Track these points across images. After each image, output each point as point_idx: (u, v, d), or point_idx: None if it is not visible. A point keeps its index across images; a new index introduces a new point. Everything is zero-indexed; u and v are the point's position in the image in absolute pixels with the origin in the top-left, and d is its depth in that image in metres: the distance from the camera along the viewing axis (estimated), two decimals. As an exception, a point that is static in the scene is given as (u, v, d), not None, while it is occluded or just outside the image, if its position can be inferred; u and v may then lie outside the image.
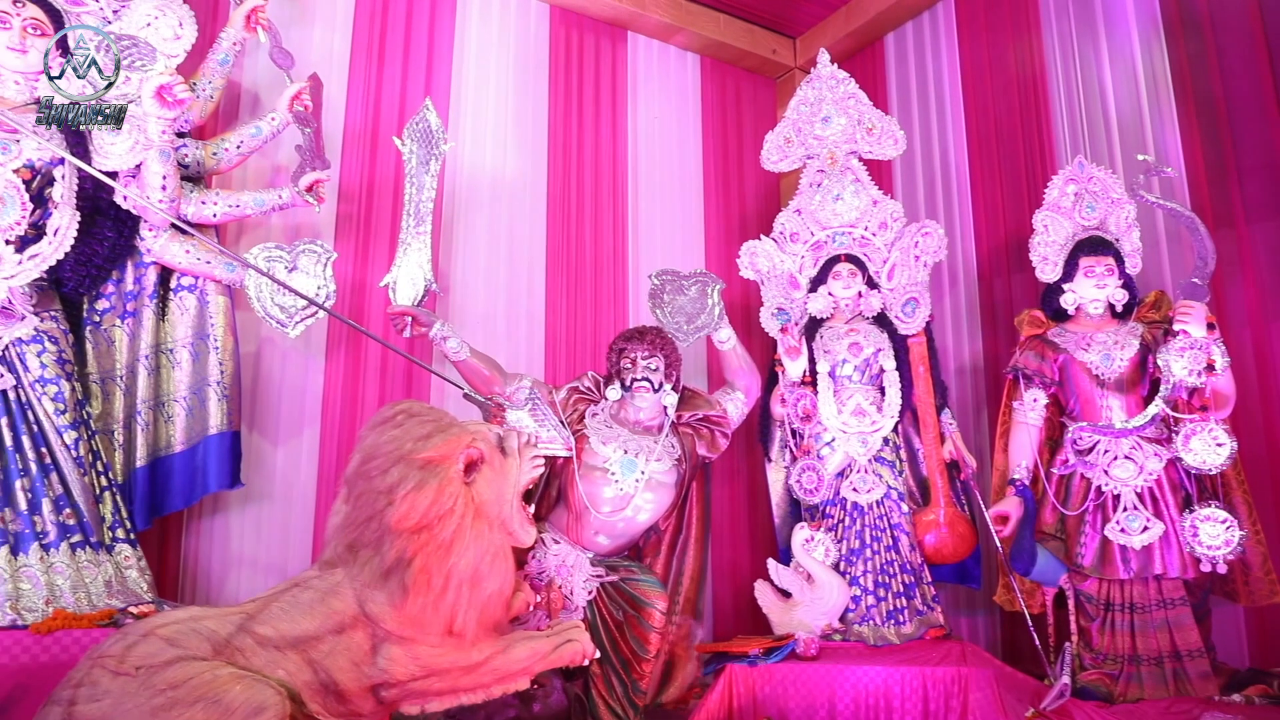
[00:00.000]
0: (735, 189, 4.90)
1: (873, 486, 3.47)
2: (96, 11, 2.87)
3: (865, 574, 3.37)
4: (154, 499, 2.93)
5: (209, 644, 2.00)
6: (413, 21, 4.05)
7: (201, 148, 3.10)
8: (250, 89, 3.58)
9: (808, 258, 3.78)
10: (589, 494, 3.03)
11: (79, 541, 2.59)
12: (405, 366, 3.66)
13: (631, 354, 3.15)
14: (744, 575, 4.20)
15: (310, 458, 3.48)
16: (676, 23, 4.74)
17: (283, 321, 2.96)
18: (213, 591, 3.24)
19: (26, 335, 2.65)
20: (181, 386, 2.98)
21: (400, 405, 2.44)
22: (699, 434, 3.24)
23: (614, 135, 4.54)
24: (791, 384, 3.57)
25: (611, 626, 2.99)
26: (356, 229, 3.71)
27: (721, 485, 4.29)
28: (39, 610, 2.40)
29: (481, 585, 2.31)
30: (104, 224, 2.84)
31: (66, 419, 2.66)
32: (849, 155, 3.82)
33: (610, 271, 4.34)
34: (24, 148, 2.66)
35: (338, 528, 2.36)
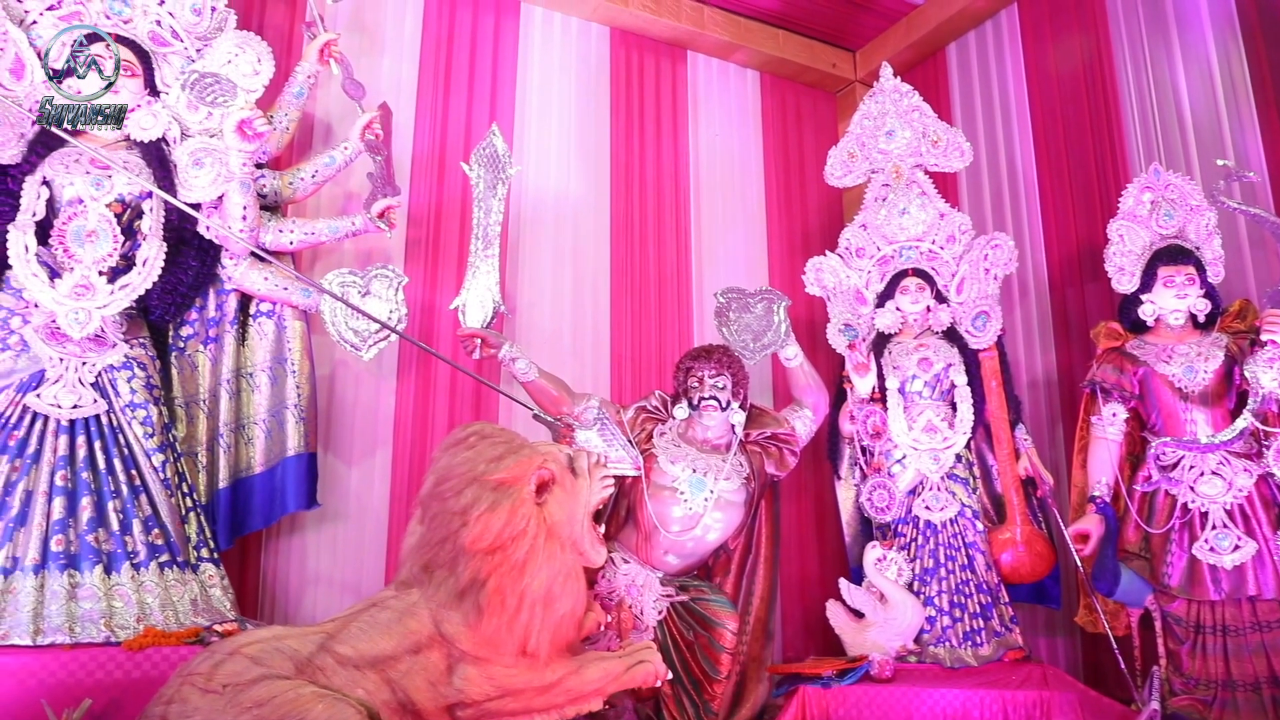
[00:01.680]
0: (797, 205, 4.88)
1: (946, 504, 3.40)
2: (181, 51, 3.00)
3: (940, 594, 3.31)
4: (235, 519, 3.02)
5: (291, 663, 2.04)
6: (477, 49, 4.13)
7: (278, 178, 3.20)
8: (323, 119, 3.69)
9: (874, 273, 3.74)
10: (658, 513, 3.03)
11: (167, 561, 2.68)
12: (474, 387, 3.71)
13: (699, 373, 3.15)
14: (813, 594, 4.16)
15: (383, 477, 3.55)
16: (735, 40, 4.75)
17: (356, 345, 3.03)
18: (290, 609, 3.31)
19: (117, 362, 2.76)
20: (261, 409, 3.07)
21: (472, 427, 2.47)
22: (767, 452, 3.22)
23: (675, 154, 4.56)
24: (860, 400, 3.53)
25: (682, 647, 2.98)
26: (425, 253, 3.78)
27: (789, 503, 4.25)
28: (130, 628, 2.49)
29: (554, 606, 2.33)
30: (188, 254, 2.95)
31: (154, 442, 2.76)
32: (914, 168, 3.78)
33: (674, 290, 4.36)
34: (115, 183, 2.78)
35: (413, 548, 2.40)
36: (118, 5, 2.91)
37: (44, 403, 2.63)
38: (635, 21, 4.52)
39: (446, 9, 4.10)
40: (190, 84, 2.88)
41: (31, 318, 2.67)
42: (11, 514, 2.52)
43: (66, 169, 2.75)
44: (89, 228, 2.73)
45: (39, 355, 2.66)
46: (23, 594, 2.43)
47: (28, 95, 2.76)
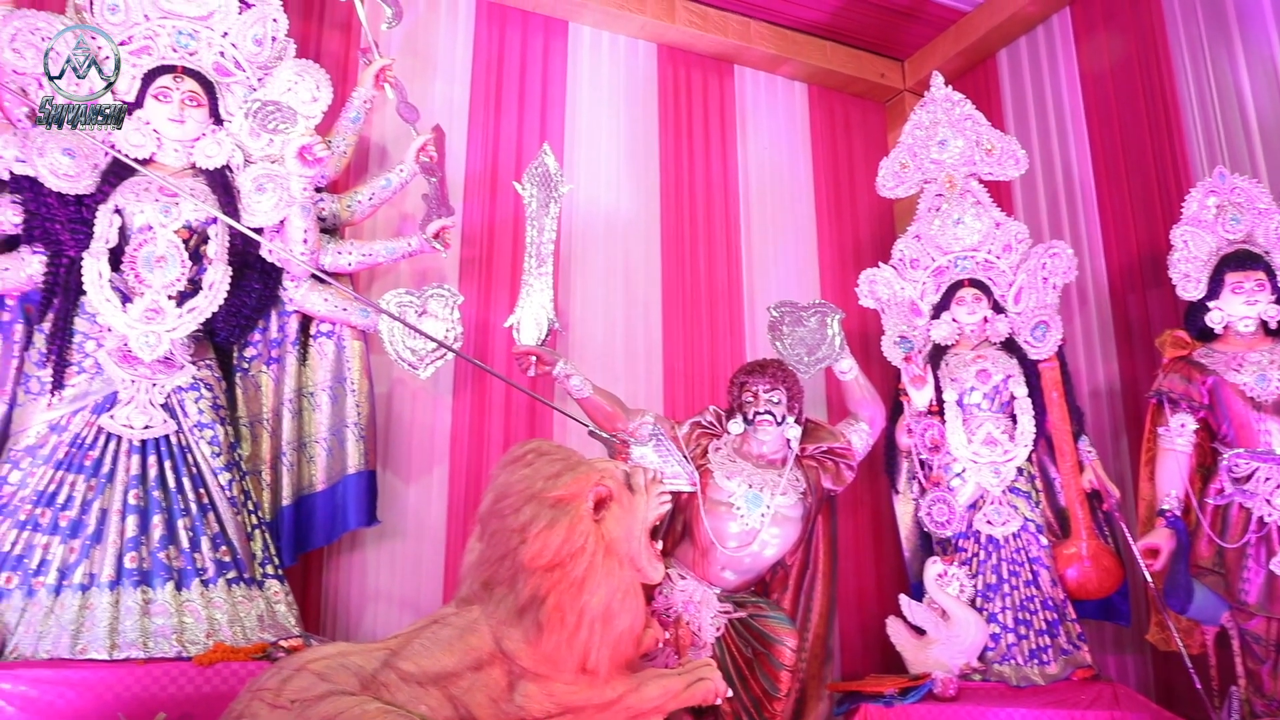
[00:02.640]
0: (848, 216, 4.84)
1: (1008, 518, 3.34)
2: (244, 81, 3.09)
3: (1004, 610, 3.24)
4: (299, 536, 3.08)
5: (357, 679, 2.06)
6: (527, 69, 4.18)
7: (337, 201, 3.27)
8: (378, 143, 3.76)
9: (929, 284, 3.70)
10: (714, 529, 3.02)
11: (234, 577, 2.75)
12: (529, 404, 3.74)
13: (753, 387, 3.13)
14: (871, 610, 4.10)
15: (440, 494, 3.59)
16: (782, 53, 4.75)
17: (414, 364, 3.08)
18: (351, 625, 3.36)
19: (185, 383, 2.84)
20: (322, 428, 3.13)
21: (530, 444, 2.49)
22: (823, 466, 3.19)
23: (724, 168, 4.57)
24: (917, 414, 3.49)
25: (741, 664, 2.96)
26: (479, 271, 3.83)
27: (846, 518, 4.20)
28: (201, 643, 2.55)
29: (613, 622, 2.32)
30: (251, 277, 3.03)
31: (221, 461, 2.83)
32: (968, 178, 3.74)
33: (725, 304, 4.35)
34: (183, 210, 2.86)
35: (473, 565, 2.42)
36: (184, 39, 3.01)
37: (117, 423, 2.71)
38: (682, 37, 4.54)
39: (496, 32, 4.17)
40: (253, 112, 2.97)
41: (105, 341, 2.76)
42: (88, 532, 2.61)
43: (137, 197, 2.85)
44: (158, 253, 2.81)
45: (112, 377, 2.75)
46: (99, 609, 2.51)
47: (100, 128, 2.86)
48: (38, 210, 2.78)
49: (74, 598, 2.53)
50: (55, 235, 2.79)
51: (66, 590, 2.54)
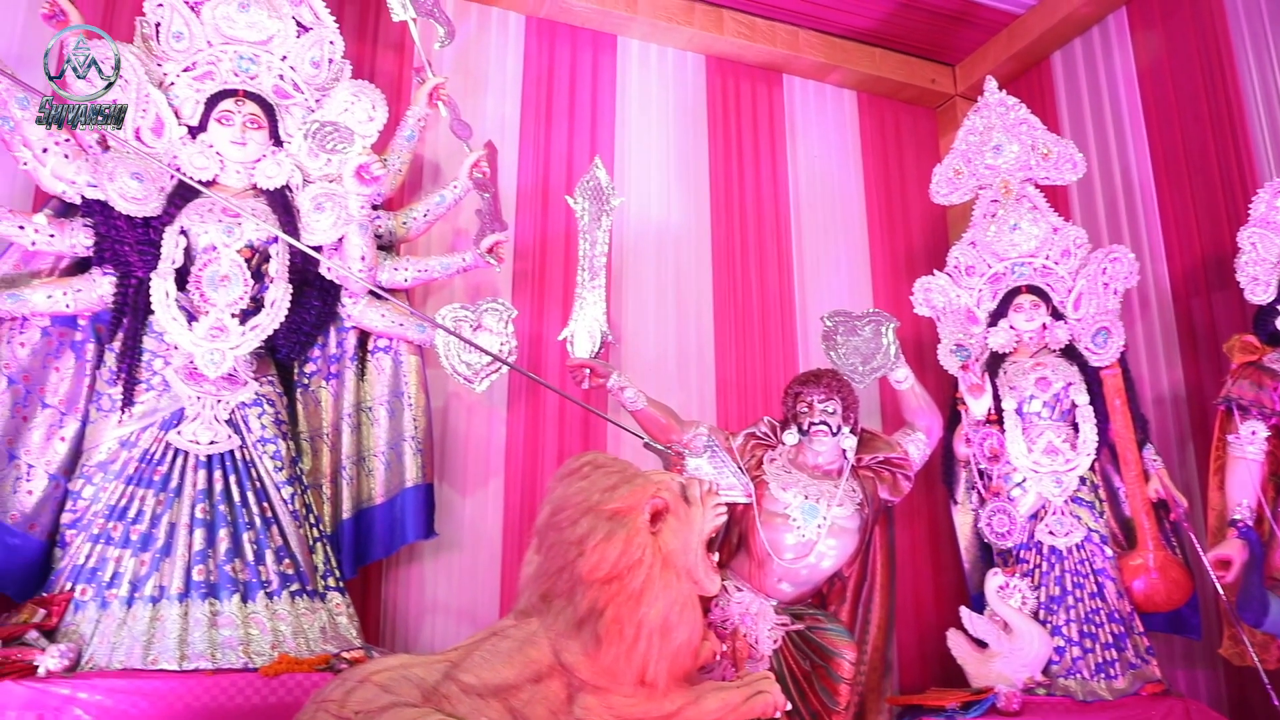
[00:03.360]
0: (900, 224, 4.80)
1: (1071, 529, 3.26)
2: (302, 103, 3.16)
3: (1069, 623, 3.17)
4: (359, 549, 3.13)
5: (418, 691, 2.08)
6: (576, 84, 4.22)
7: (393, 218, 3.33)
8: (431, 160, 3.82)
9: (985, 291, 3.65)
10: (770, 541, 3.00)
11: (297, 590, 2.80)
12: (582, 416, 3.76)
13: (808, 398, 3.11)
14: (929, 623, 4.04)
15: (496, 506, 3.62)
16: (831, 61, 4.72)
17: (469, 378, 3.11)
18: (410, 636, 3.40)
19: (249, 399, 2.90)
20: (380, 442, 3.18)
21: (586, 457, 2.50)
22: (880, 477, 3.15)
23: (774, 178, 4.55)
24: (976, 423, 3.43)
25: (799, 677, 2.93)
26: (532, 285, 3.86)
27: (902, 528, 4.15)
28: (266, 654, 2.60)
29: (672, 635, 2.32)
30: (311, 294, 3.09)
31: (284, 475, 2.89)
32: (1024, 183, 3.68)
33: (777, 314, 4.33)
34: (245, 230, 2.94)
35: (531, 578, 2.43)
36: (245, 64, 3.09)
37: (184, 439, 2.79)
38: (730, 48, 4.55)
39: (546, 47, 4.21)
40: (311, 133, 3.03)
41: (172, 359, 2.83)
42: (157, 545, 2.68)
43: (201, 218, 2.93)
44: (222, 273, 2.89)
45: (179, 394, 2.82)
46: (169, 621, 2.58)
47: (166, 151, 2.95)
48: (108, 233, 2.87)
49: (145, 609, 2.60)
50: (124, 257, 2.88)
51: (138, 602, 2.61)
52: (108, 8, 3.42)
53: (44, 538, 2.75)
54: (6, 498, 2.71)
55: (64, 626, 2.57)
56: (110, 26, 3.37)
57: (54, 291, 2.82)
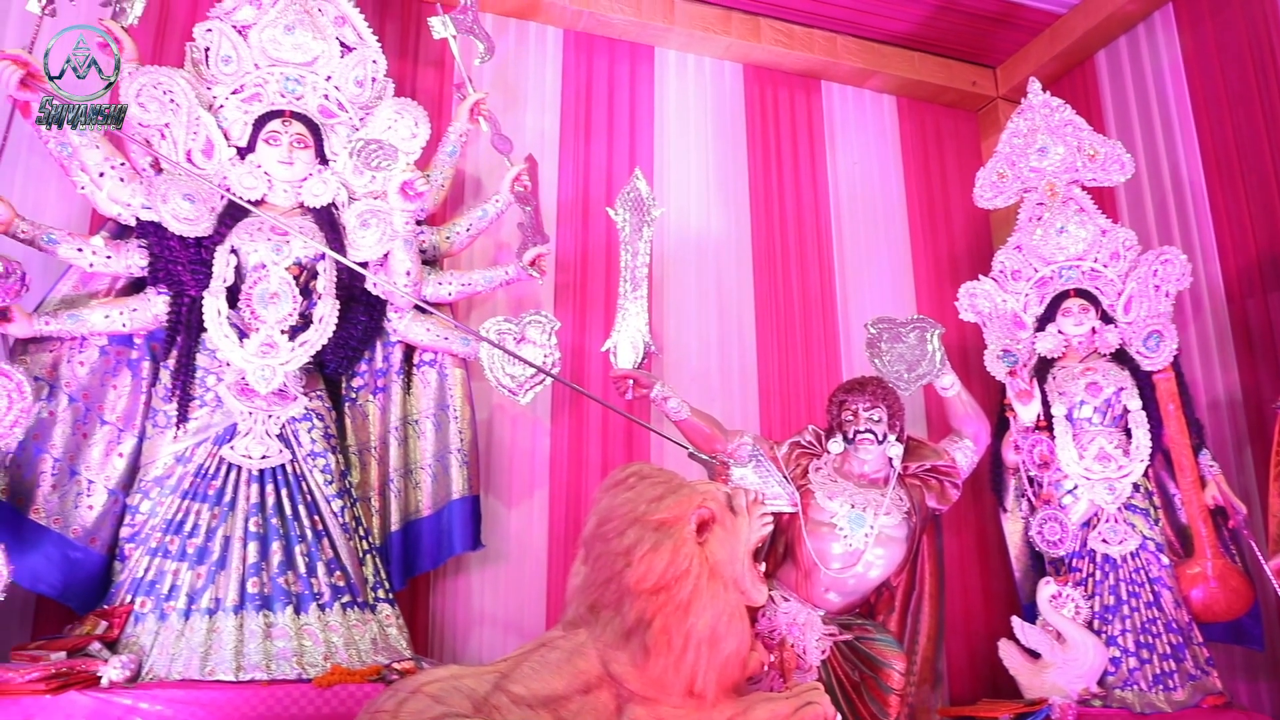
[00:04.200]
0: (942, 229, 4.75)
1: (1125, 537, 3.20)
2: (347, 121, 3.21)
3: (1124, 633, 3.11)
4: (407, 560, 3.16)
5: (469, 701, 2.10)
6: (614, 96, 4.25)
7: (436, 233, 3.37)
8: (472, 175, 3.87)
9: (1032, 295, 3.60)
10: (817, 550, 2.98)
11: (348, 601, 2.84)
12: (626, 427, 3.77)
13: (853, 406, 3.09)
14: (979, 633, 3.98)
15: (541, 518, 3.64)
16: (870, 66, 4.70)
17: (514, 390, 3.13)
18: (458, 647, 3.42)
19: (299, 414, 2.95)
20: (427, 455, 3.22)
21: (631, 468, 2.50)
22: (927, 485, 3.12)
23: (814, 185, 4.53)
24: (1025, 429, 3.39)
25: (848, 688, 2.90)
26: (574, 297, 3.89)
27: (950, 537, 4.10)
28: (319, 665, 2.64)
29: (720, 645, 2.31)
30: (358, 310, 3.14)
31: (334, 488, 2.93)
32: (1070, 185, 3.63)
33: (819, 322, 4.31)
34: (293, 247, 2.99)
35: (578, 589, 2.44)
36: (291, 84, 3.16)
37: (237, 454, 2.84)
38: (767, 56, 4.54)
39: (584, 60, 4.24)
40: (356, 151, 3.08)
41: (224, 376, 2.89)
42: (213, 558, 2.73)
43: (251, 237, 2.99)
44: (271, 290, 2.95)
45: (231, 410, 2.88)
46: (225, 633, 2.62)
47: (216, 172, 3.02)
48: (162, 253, 2.94)
49: (202, 621, 2.66)
50: (177, 276, 2.95)
51: (195, 614, 2.67)
52: (158, 33, 3.51)
53: (104, 551, 2.82)
54: (69, 512, 2.79)
55: (125, 638, 2.63)
56: (161, 51, 3.47)
57: (111, 311, 2.90)
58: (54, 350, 2.88)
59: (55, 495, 2.78)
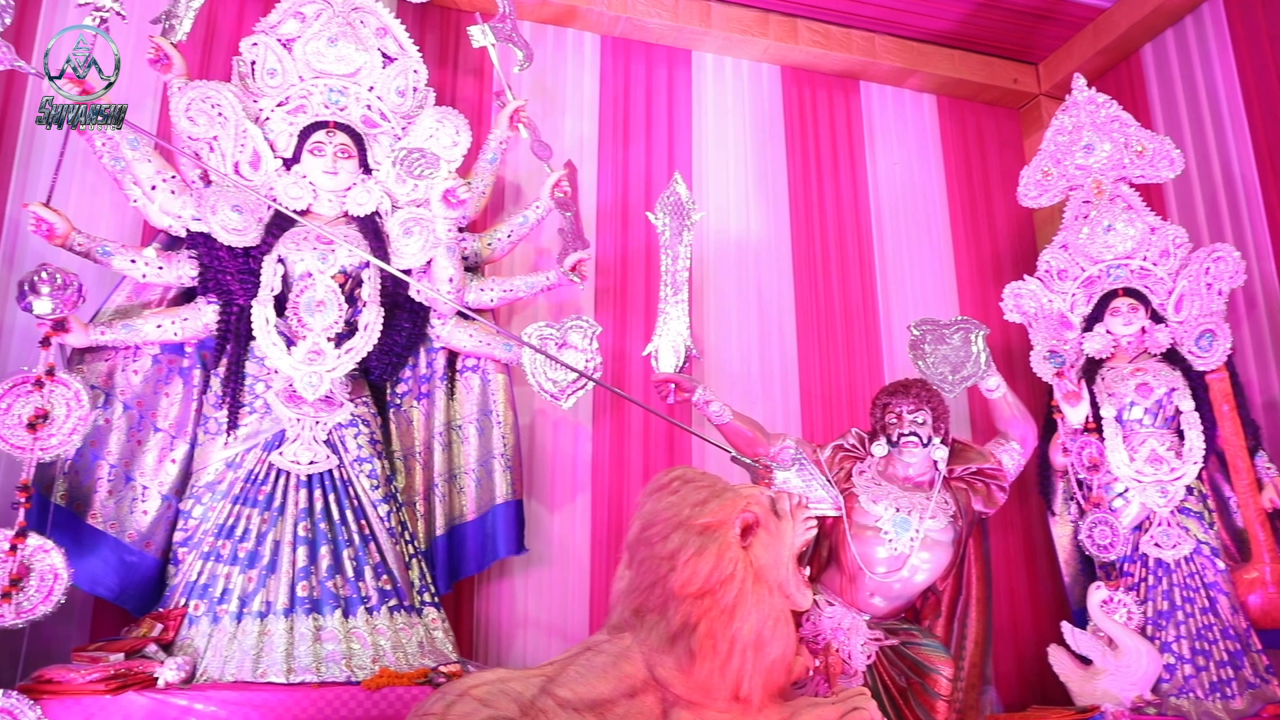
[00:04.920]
0: (985, 229, 4.69)
1: (1178, 541, 3.14)
2: (389, 130, 3.26)
3: (1179, 640, 3.04)
4: (452, 564, 3.18)
5: (516, 705, 2.11)
6: (652, 100, 4.25)
7: (478, 239, 3.40)
8: (512, 181, 3.89)
9: (1079, 295, 3.54)
10: (862, 554, 2.95)
11: (395, 605, 2.87)
12: (667, 431, 3.77)
13: (896, 408, 3.06)
14: (1027, 638, 3.92)
15: (583, 522, 3.65)
16: (909, 66, 4.66)
17: (556, 395, 3.15)
18: (502, 650, 3.44)
19: (345, 420, 2.99)
20: (470, 460, 3.24)
21: (675, 472, 2.50)
22: (973, 488, 3.08)
23: (854, 186, 4.50)
24: (1073, 431, 3.33)
25: (895, 693, 2.87)
26: (614, 301, 3.90)
27: (996, 540, 4.04)
28: (368, 668, 2.67)
29: (765, 650, 2.30)
30: (402, 317, 3.18)
31: (380, 493, 2.97)
32: (1117, 182, 3.57)
33: (861, 324, 4.28)
34: (338, 256, 3.04)
35: (622, 593, 2.44)
36: (335, 96, 3.21)
37: (286, 460, 2.89)
38: (805, 58, 4.52)
39: (621, 66, 4.26)
40: (399, 160, 3.12)
41: (273, 383, 2.94)
42: (263, 562, 2.78)
43: (297, 246, 3.04)
44: (318, 298, 2.99)
45: (280, 416, 2.93)
46: (276, 635, 2.67)
47: (263, 184, 3.08)
48: (211, 263, 3.00)
49: (253, 624, 2.70)
50: (226, 286, 3.01)
51: (247, 617, 2.72)
52: (205, 48, 3.58)
53: (159, 555, 2.88)
54: (124, 517, 2.86)
55: (179, 640, 2.69)
56: (208, 66, 3.54)
57: (163, 321, 2.96)
58: (109, 359, 2.95)
59: (111, 501, 2.86)
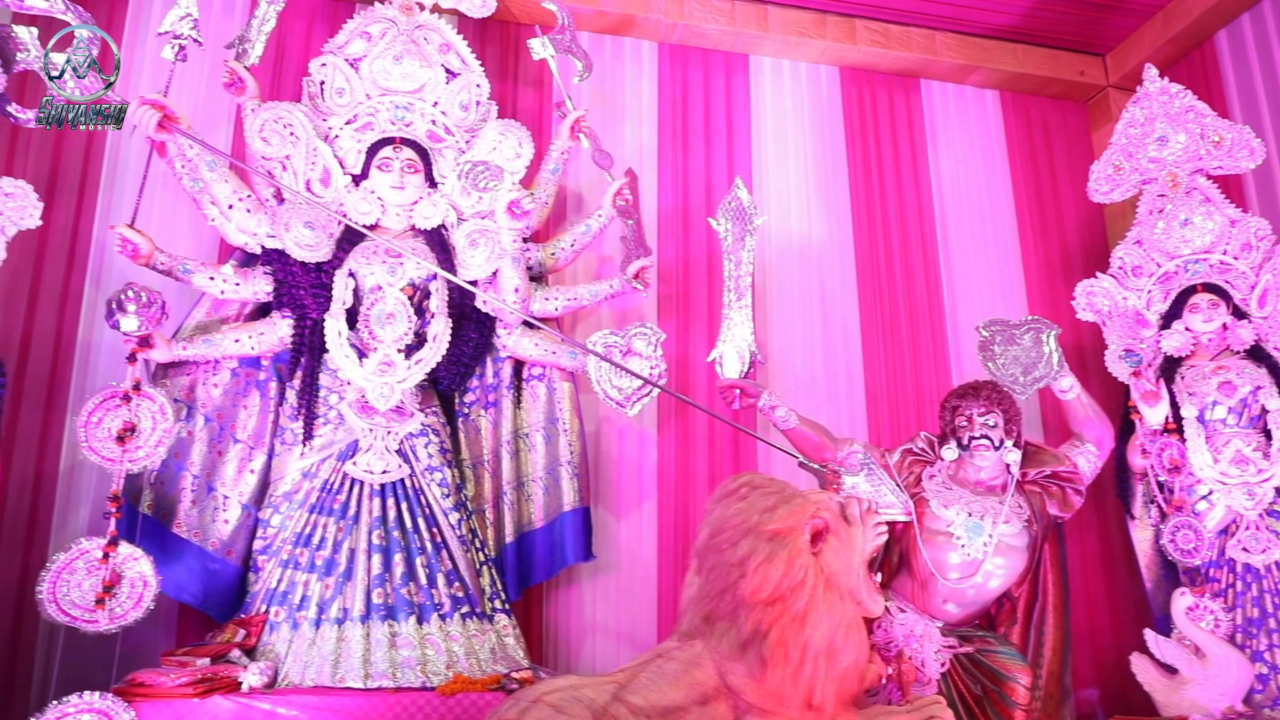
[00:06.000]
0: (1053, 226, 4.58)
1: (1268, 545, 3.03)
2: (453, 144, 3.32)
3: (1272, 648, 2.93)
4: (521, 571, 3.22)
5: (589, 712, 2.12)
6: (711, 105, 4.25)
7: (541, 249, 3.44)
8: (573, 190, 3.93)
9: (1155, 292, 3.44)
10: (934, 560, 2.91)
11: (467, 612, 2.92)
12: (732, 437, 3.76)
13: (966, 411, 3.01)
14: (1105, 646, 3.82)
15: (650, 528, 3.66)
16: (971, 62, 4.58)
17: (621, 402, 3.16)
18: (571, 656, 3.47)
19: (416, 429, 3.05)
20: (538, 467, 3.28)
21: (743, 478, 2.49)
22: (1048, 492, 3.01)
23: (916, 186, 4.44)
24: (1152, 432, 3.23)
25: (970, 702, 2.82)
26: (677, 308, 3.90)
27: (1072, 545, 3.94)
28: (442, 674, 2.72)
29: (838, 657, 2.27)
30: (469, 327, 3.22)
31: (451, 502, 3.02)
32: (1193, 174, 3.46)
33: (926, 326, 4.21)
34: (406, 269, 3.10)
35: (692, 600, 2.43)
36: (400, 112, 3.28)
37: (359, 469, 2.96)
38: (864, 58, 4.48)
39: (679, 71, 4.27)
40: (464, 173, 3.18)
41: (346, 394, 3.01)
42: (340, 570, 2.85)
43: (367, 260, 3.11)
44: (388, 311, 3.06)
45: (353, 427, 3.00)
46: (353, 642, 2.73)
47: (333, 200, 3.16)
48: (285, 279, 3.09)
49: (331, 631, 2.77)
50: (300, 300, 3.09)
51: (325, 623, 2.78)
52: (275, 70, 3.69)
53: (239, 563, 2.98)
54: (207, 526, 2.96)
55: (261, 646, 2.76)
56: (278, 87, 3.64)
57: (240, 335, 3.06)
58: (190, 374, 3.06)
59: (195, 510, 2.96)
